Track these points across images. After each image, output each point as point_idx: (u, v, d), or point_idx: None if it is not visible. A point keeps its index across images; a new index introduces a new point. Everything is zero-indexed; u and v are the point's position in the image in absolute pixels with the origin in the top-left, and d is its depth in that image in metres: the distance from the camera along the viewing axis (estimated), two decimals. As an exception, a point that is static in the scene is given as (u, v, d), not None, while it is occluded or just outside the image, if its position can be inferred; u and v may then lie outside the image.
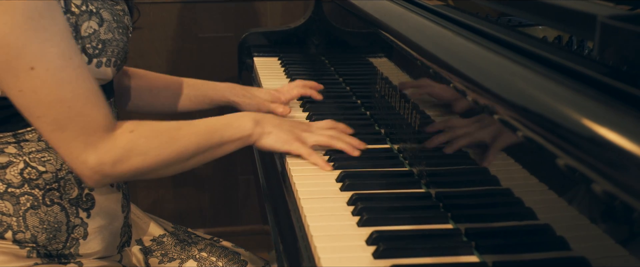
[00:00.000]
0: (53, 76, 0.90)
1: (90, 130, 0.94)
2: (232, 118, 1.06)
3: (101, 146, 0.95)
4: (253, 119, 1.07)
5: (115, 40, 1.01)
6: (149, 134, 0.99)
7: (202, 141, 1.02)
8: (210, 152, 1.04)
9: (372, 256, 0.82)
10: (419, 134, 1.04)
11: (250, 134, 1.06)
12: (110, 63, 1.01)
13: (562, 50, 0.75)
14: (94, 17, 0.98)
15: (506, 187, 0.79)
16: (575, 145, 0.55)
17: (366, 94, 1.39)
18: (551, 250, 0.71)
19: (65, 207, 1.04)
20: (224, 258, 1.21)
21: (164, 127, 1.01)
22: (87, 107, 0.93)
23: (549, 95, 0.62)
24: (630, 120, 0.53)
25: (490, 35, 0.85)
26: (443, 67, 0.84)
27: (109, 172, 0.96)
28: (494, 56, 0.75)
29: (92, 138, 0.94)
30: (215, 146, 1.04)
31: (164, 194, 2.30)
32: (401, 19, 1.04)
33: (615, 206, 0.54)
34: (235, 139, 1.05)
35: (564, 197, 0.66)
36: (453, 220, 0.91)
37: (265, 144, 1.07)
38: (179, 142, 1.00)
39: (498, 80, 0.70)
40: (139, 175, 1.01)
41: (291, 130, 1.09)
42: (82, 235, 1.06)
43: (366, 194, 0.98)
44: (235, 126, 1.05)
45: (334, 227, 0.90)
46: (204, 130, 1.03)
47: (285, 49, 1.84)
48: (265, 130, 1.07)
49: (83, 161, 0.95)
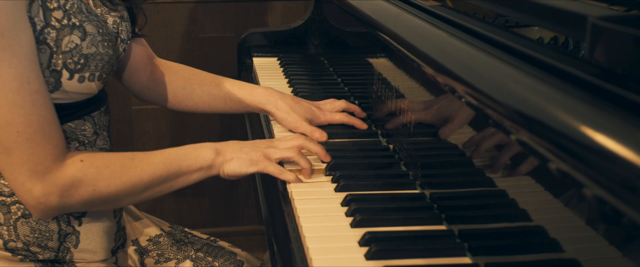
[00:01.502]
0: (5, 97, 0.87)
1: (38, 159, 0.91)
2: (191, 148, 1.03)
3: (49, 175, 0.92)
4: (213, 149, 1.03)
5: (99, 54, 0.98)
6: (100, 164, 0.96)
7: (158, 171, 0.99)
8: (168, 184, 1.01)
9: (364, 257, 0.82)
10: (414, 135, 1.04)
11: (211, 165, 1.02)
12: (94, 77, 0.98)
13: (556, 51, 0.74)
14: (77, 30, 0.95)
15: (501, 188, 0.79)
16: (562, 147, 0.55)
17: (364, 94, 1.39)
18: (544, 251, 0.70)
19: (56, 216, 1.03)
20: (220, 258, 1.21)
21: (116, 158, 0.98)
22: (38, 135, 0.90)
23: (538, 96, 0.62)
24: (617, 121, 0.52)
25: (484, 36, 0.84)
26: (436, 68, 0.84)
27: (56, 204, 0.94)
28: (486, 57, 0.75)
29: (39, 167, 0.91)
30: (173, 176, 1.01)
31: (164, 196, 2.30)
32: (396, 19, 1.04)
33: (605, 208, 0.54)
34: (195, 170, 1.02)
35: (560, 199, 0.66)
36: (447, 221, 0.91)
37: (229, 171, 1.03)
38: (131, 173, 0.97)
39: (488, 80, 0.70)
40: (90, 206, 0.99)
41: (253, 150, 1.04)
42: (74, 243, 1.05)
43: (360, 195, 0.97)
44: (194, 156, 1.02)
45: (327, 228, 0.90)
46: (161, 160, 1.00)
47: (285, 49, 1.84)
48: (226, 158, 1.03)
49: (28, 189, 0.92)
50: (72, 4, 0.95)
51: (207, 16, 2.16)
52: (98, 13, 1.02)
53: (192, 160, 1.02)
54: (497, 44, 0.79)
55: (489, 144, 0.81)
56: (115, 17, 1.06)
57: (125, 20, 1.08)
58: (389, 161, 1.10)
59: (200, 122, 2.25)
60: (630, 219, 0.50)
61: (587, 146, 0.52)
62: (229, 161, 1.03)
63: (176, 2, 2.12)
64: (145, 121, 2.22)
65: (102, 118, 1.07)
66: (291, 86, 1.53)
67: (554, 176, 0.59)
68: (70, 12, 0.95)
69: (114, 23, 1.05)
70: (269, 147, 1.06)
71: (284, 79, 1.59)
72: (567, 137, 0.55)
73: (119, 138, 2.18)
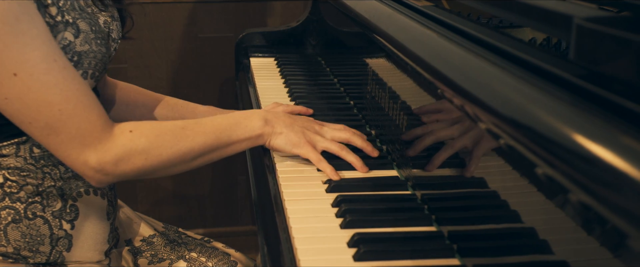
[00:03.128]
0: (38, 80, 0.88)
1: (86, 132, 0.92)
2: (241, 117, 1.05)
3: (100, 146, 0.94)
4: (263, 118, 1.05)
5: (92, 51, 0.98)
6: (150, 133, 0.97)
7: (209, 140, 1.00)
8: (218, 152, 1.03)
9: (353, 258, 0.82)
10: (406, 136, 1.04)
11: (261, 134, 1.04)
12: (88, 75, 0.98)
13: (543, 53, 0.74)
14: (70, 28, 0.95)
15: (493, 189, 0.79)
16: (543, 149, 0.55)
17: (359, 94, 1.38)
18: (533, 253, 0.70)
19: (48, 220, 1.02)
20: (214, 259, 1.21)
21: (166, 127, 0.99)
22: (79, 109, 0.92)
23: (522, 97, 0.62)
24: (598, 123, 0.52)
25: (473, 36, 0.84)
26: (424, 67, 0.84)
27: (111, 171, 0.95)
28: (473, 57, 0.74)
29: (89, 139, 0.93)
30: (223, 145, 1.02)
31: (163, 195, 2.31)
32: (389, 20, 1.04)
33: (587, 209, 0.53)
34: (244, 139, 1.04)
35: (552, 200, 0.65)
36: (437, 222, 0.90)
37: (275, 145, 1.06)
38: (183, 142, 0.99)
39: (472, 80, 0.69)
40: (143, 174, 0.99)
41: (302, 131, 1.06)
42: (66, 247, 1.05)
43: (351, 196, 0.97)
44: (244, 125, 1.03)
45: (317, 228, 0.90)
46: (211, 129, 1.01)
47: (283, 49, 1.84)
48: (275, 130, 1.05)
49: (83, 161, 0.94)
50: (65, 1, 0.96)
51: (206, 16, 2.16)
52: (90, 12, 1.02)
53: (242, 129, 1.03)
54: (485, 45, 0.79)
55: (479, 145, 0.81)
56: (106, 16, 1.06)
57: (115, 20, 1.09)
58: (382, 162, 1.10)
59: (199, 122, 2.24)
60: (612, 220, 0.49)
61: (566, 147, 0.52)
62: (277, 134, 1.05)
63: (175, 2, 2.12)
64: (144, 121, 2.22)
65: None
66: (287, 86, 1.53)
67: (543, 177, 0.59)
68: (64, 9, 0.95)
69: (105, 22, 1.06)
70: (317, 134, 1.08)
71: (281, 80, 1.59)
72: (546, 138, 0.54)
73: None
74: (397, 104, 1.08)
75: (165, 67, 2.17)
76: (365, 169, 1.05)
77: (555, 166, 0.53)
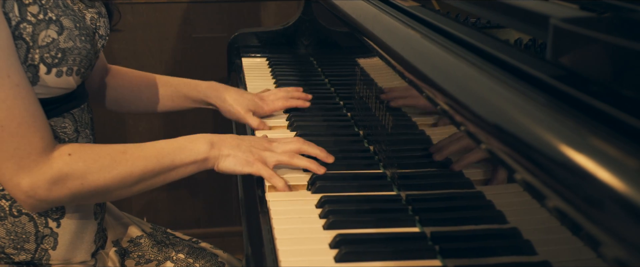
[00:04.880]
0: None
1: (23, 153, 0.91)
2: (186, 141, 1.02)
3: (35, 169, 0.92)
4: (208, 141, 1.02)
5: (76, 48, 0.97)
6: (88, 158, 0.95)
7: (150, 165, 0.98)
8: (161, 177, 1.00)
9: (334, 259, 0.81)
10: (391, 136, 1.03)
11: (206, 158, 1.02)
12: (72, 72, 0.98)
13: (525, 54, 0.73)
14: (53, 25, 0.94)
15: (479, 189, 0.78)
16: (516, 150, 0.55)
17: (350, 95, 1.38)
18: (516, 254, 0.70)
19: (33, 218, 1.02)
20: (201, 259, 1.21)
21: (106, 151, 0.97)
22: (22, 129, 0.90)
23: (498, 98, 0.61)
24: (570, 125, 0.52)
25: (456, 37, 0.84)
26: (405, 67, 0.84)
27: (44, 197, 0.93)
28: (453, 58, 0.74)
29: (26, 161, 0.91)
30: (165, 170, 1.00)
31: (158, 195, 2.30)
32: (374, 20, 1.03)
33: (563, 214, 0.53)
34: (189, 163, 1.01)
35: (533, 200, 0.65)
36: (420, 223, 0.90)
37: (223, 167, 1.03)
38: (122, 167, 0.96)
39: (451, 80, 0.69)
40: (80, 199, 0.98)
41: (250, 150, 1.04)
42: (51, 245, 1.04)
43: (335, 197, 0.97)
44: (188, 149, 1.01)
45: (300, 230, 0.90)
46: (153, 153, 0.99)
47: (275, 49, 1.83)
48: (222, 153, 1.02)
49: (16, 183, 0.92)
50: None
51: (200, 16, 2.16)
52: (76, 9, 1.02)
53: (186, 153, 1.01)
54: (466, 45, 0.79)
55: (462, 145, 0.80)
56: (93, 13, 1.06)
57: (103, 17, 1.08)
58: (368, 162, 1.10)
59: (193, 122, 2.24)
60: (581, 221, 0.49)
61: (537, 149, 0.51)
62: (225, 156, 1.03)
63: (170, 2, 2.12)
64: (138, 121, 2.22)
65: (84, 116, 1.06)
66: (277, 87, 1.53)
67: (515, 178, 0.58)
68: (46, 6, 0.95)
69: (92, 19, 1.05)
70: (267, 150, 1.05)
71: (271, 80, 1.59)
72: (519, 140, 0.54)
73: (112, 138, 2.18)
74: (383, 104, 1.07)
75: (159, 67, 2.17)
76: (322, 169, 1.03)
77: (525, 167, 0.53)
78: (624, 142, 0.48)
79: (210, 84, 1.32)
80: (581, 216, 0.48)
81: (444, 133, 0.85)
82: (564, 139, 0.50)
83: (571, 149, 0.49)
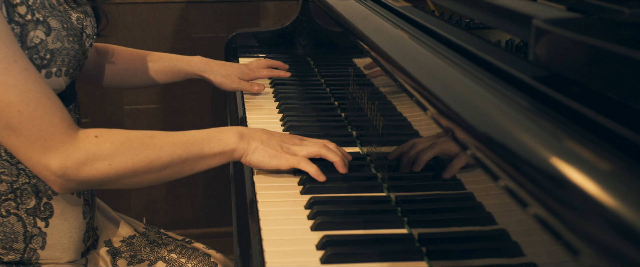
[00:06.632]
0: None
1: (47, 134, 0.91)
2: (215, 131, 1.02)
3: (62, 149, 0.92)
4: (238, 133, 1.01)
5: (64, 49, 0.97)
6: (116, 139, 0.95)
7: (178, 151, 0.97)
8: (189, 165, 0.99)
9: (320, 261, 0.81)
10: (381, 136, 1.03)
11: (234, 149, 1.01)
12: (61, 73, 0.98)
13: (510, 55, 0.73)
14: (41, 26, 0.95)
15: (469, 190, 0.78)
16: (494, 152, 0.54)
17: (345, 95, 1.38)
18: (503, 256, 0.69)
19: (22, 218, 1.02)
20: (193, 259, 1.20)
21: (134, 134, 0.97)
22: (40, 111, 0.90)
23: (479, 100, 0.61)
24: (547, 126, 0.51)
25: (444, 38, 0.83)
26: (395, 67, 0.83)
27: (74, 176, 0.93)
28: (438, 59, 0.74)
29: (51, 142, 0.91)
30: (194, 158, 0.99)
31: (157, 195, 2.31)
32: (365, 20, 1.03)
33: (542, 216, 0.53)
34: (217, 153, 1.00)
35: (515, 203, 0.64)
36: (409, 225, 0.90)
37: (252, 161, 1.02)
38: (150, 151, 0.96)
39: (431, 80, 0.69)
40: (108, 182, 0.97)
41: (280, 143, 1.04)
42: (40, 245, 1.04)
43: (324, 198, 0.97)
44: (217, 139, 1.00)
45: (288, 231, 0.89)
46: (182, 140, 0.98)
47: (272, 49, 1.83)
48: (250, 146, 1.01)
49: (45, 164, 0.92)
50: (35, 0, 0.95)
51: (199, 16, 2.16)
52: (62, 10, 1.02)
53: (215, 143, 1.00)
54: (452, 46, 0.79)
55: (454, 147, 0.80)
56: (78, 12, 1.06)
57: (89, 16, 1.08)
58: (359, 163, 1.09)
59: (192, 121, 2.24)
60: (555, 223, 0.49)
61: (511, 151, 0.51)
62: (253, 149, 1.02)
63: (168, 2, 2.12)
64: (137, 120, 2.22)
65: (72, 116, 1.06)
66: (273, 87, 1.53)
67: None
68: (33, 7, 0.95)
69: (78, 19, 1.05)
70: (296, 144, 1.05)
71: (267, 80, 1.58)
72: (494, 141, 0.54)
73: (110, 138, 2.18)
74: (374, 105, 1.07)
75: (158, 67, 2.17)
76: (322, 177, 1.02)
77: (503, 169, 0.53)
78: (599, 144, 0.47)
79: (200, 59, 1.44)
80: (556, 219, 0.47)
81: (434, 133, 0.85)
82: (539, 141, 0.50)
83: (546, 150, 0.49)
